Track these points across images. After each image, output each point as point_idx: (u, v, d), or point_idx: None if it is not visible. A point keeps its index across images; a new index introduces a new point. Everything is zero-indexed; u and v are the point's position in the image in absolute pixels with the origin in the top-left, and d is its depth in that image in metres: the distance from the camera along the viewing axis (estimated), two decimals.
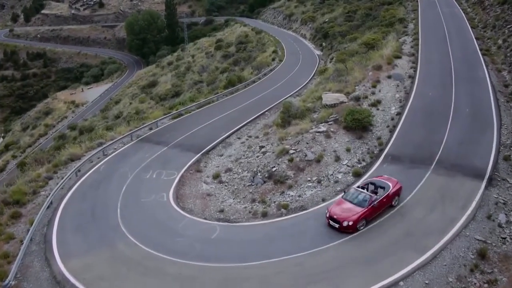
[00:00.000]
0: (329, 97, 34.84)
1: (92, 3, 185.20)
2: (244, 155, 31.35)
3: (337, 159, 26.77)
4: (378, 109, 32.55)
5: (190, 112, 43.29)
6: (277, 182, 25.64)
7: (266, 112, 43.25)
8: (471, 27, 56.10)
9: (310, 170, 26.00)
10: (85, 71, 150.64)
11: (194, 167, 30.29)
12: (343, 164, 26.32)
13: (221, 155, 32.81)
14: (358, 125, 28.99)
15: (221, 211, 24.00)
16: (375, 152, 27.80)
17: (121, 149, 33.57)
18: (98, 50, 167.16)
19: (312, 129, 30.08)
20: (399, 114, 32.01)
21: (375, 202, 20.36)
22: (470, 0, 72.44)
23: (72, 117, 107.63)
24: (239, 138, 36.39)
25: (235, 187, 26.82)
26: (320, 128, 29.76)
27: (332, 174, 25.52)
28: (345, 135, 29.18)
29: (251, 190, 25.89)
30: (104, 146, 33.54)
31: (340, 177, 25.35)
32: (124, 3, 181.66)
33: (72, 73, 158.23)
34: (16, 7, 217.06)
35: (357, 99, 33.92)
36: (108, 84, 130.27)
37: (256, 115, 41.96)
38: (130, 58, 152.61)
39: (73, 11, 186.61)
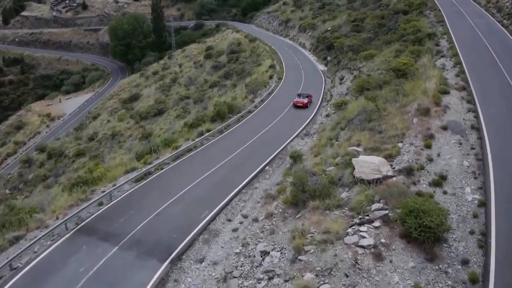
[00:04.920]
0: (365, 166, 22.82)
1: (75, 5, 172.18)
2: (237, 267, 19.77)
3: None
4: (445, 193, 20.72)
5: (162, 169, 31.41)
6: None
7: (267, 167, 31.78)
8: None
9: None
10: (65, 79, 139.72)
11: None
12: None
13: (201, 262, 21.10)
14: (429, 237, 17.19)
15: None
16: None
17: (44, 253, 21.26)
18: (80, 55, 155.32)
19: (347, 235, 18.21)
20: (484, 204, 19.96)
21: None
22: (503, 9, 61.18)
23: (46, 132, 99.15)
24: (229, 221, 24.80)
25: None
26: (363, 238, 17.77)
27: None
28: (405, 252, 17.28)
29: None
30: (20, 248, 21.31)
31: None
32: (109, 5, 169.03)
33: (51, 81, 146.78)
34: None
35: (408, 171, 22.05)
36: (89, 94, 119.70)
37: (253, 173, 30.50)
38: (114, 65, 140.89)
39: (54, 13, 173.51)
